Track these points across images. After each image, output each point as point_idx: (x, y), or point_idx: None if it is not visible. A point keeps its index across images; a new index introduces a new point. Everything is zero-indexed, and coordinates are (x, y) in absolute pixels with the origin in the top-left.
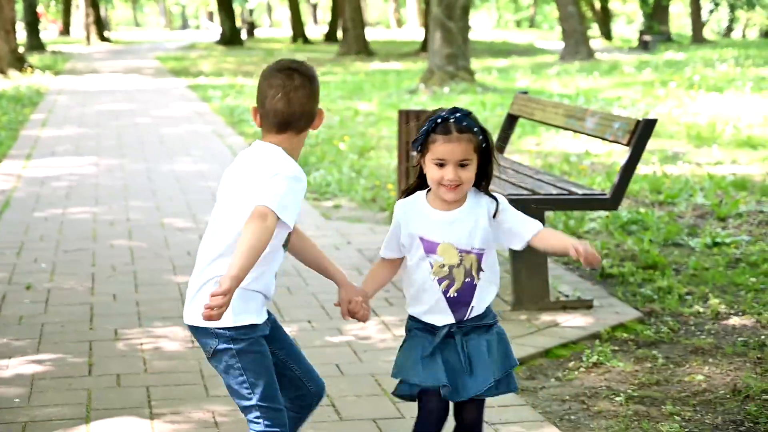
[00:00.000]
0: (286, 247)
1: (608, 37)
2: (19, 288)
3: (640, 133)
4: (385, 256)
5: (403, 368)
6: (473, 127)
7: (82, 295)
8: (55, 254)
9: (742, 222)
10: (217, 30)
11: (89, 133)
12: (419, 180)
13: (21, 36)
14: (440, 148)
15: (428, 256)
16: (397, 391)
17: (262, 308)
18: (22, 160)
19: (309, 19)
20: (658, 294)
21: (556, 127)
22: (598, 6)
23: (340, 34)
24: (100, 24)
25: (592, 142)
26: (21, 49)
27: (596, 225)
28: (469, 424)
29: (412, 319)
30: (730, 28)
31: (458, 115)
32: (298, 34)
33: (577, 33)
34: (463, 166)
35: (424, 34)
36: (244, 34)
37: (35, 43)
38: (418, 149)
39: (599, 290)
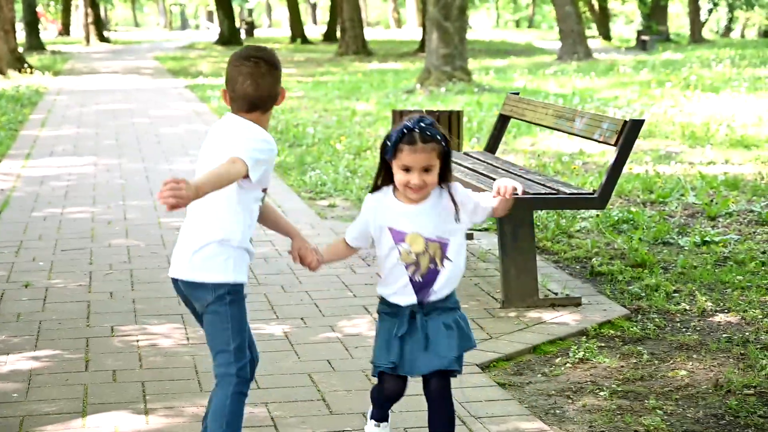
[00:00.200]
0: (263, 201)
1: (607, 37)
2: (18, 286)
3: (627, 133)
4: (350, 243)
5: (374, 353)
6: (437, 135)
7: (80, 293)
8: (53, 253)
9: (732, 221)
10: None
11: (88, 133)
12: (387, 177)
13: (20, 36)
14: (407, 157)
15: (397, 245)
16: (373, 373)
17: (247, 269)
18: (21, 160)
19: (308, 19)
20: (646, 292)
21: (546, 127)
22: (596, 6)
23: (338, 34)
24: (100, 24)
25: (587, 142)
26: (20, 49)
27: (587, 224)
28: (435, 395)
29: (381, 301)
30: (729, 28)
31: (422, 125)
32: (297, 34)
33: (575, 33)
34: (427, 171)
35: (422, 34)
36: (243, 34)
37: (35, 43)
38: (387, 155)
39: (588, 288)
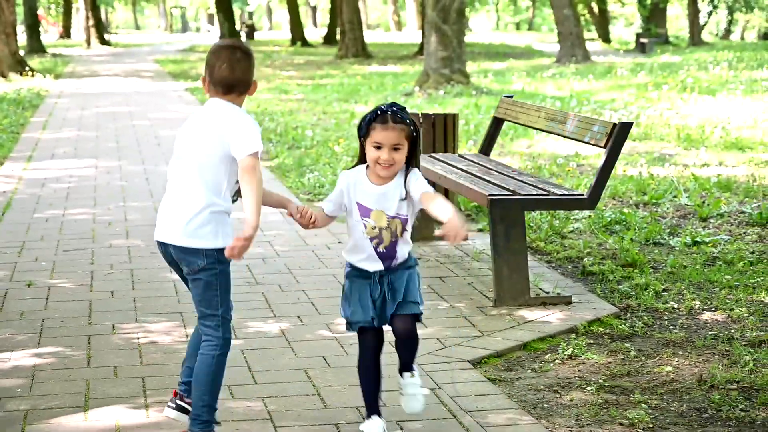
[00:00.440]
0: None
1: (606, 40)
2: (21, 285)
3: (617, 135)
4: (326, 211)
5: (346, 310)
6: (406, 119)
7: (81, 292)
8: (55, 253)
9: (723, 222)
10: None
11: (88, 136)
12: (361, 158)
13: (21, 39)
14: (378, 135)
15: (363, 219)
16: (348, 328)
17: (231, 230)
18: (23, 163)
19: (308, 22)
20: (636, 291)
21: (539, 130)
22: (596, 9)
23: (338, 37)
24: (101, 27)
25: (582, 145)
26: (21, 52)
27: (580, 225)
28: (402, 333)
29: (349, 265)
30: (728, 31)
31: (394, 109)
32: (298, 36)
33: (573, 36)
34: (396, 150)
35: (422, 37)
36: (243, 37)
37: (36, 46)
38: (362, 135)
39: (579, 287)
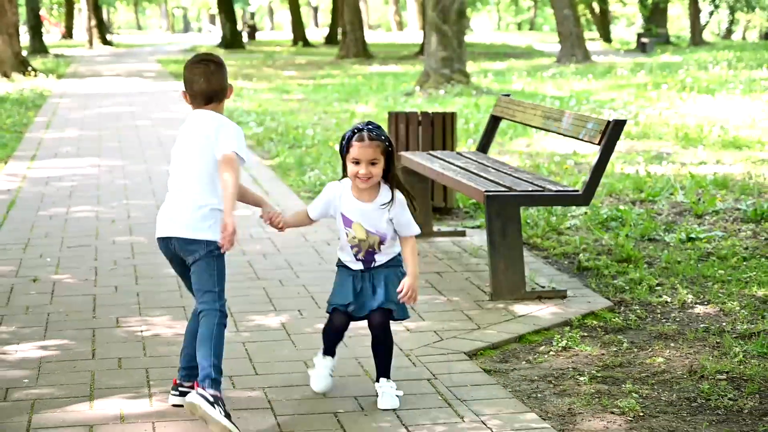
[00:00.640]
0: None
1: (607, 40)
2: (26, 281)
3: (611, 133)
4: (312, 218)
5: (331, 293)
6: (381, 136)
7: (86, 287)
8: (59, 250)
9: (718, 218)
10: (219, 33)
11: (91, 135)
12: (345, 172)
13: (24, 40)
14: (356, 151)
15: (345, 228)
16: (327, 310)
17: None
18: (27, 162)
19: (310, 22)
20: (630, 285)
21: (535, 127)
22: (597, 9)
23: (339, 37)
24: (103, 27)
25: (580, 144)
26: (24, 53)
27: (577, 222)
28: (376, 326)
29: (339, 259)
30: (730, 30)
31: (370, 127)
32: (299, 37)
33: (573, 36)
34: (373, 164)
35: (422, 37)
36: (245, 37)
37: (38, 47)
38: (343, 152)
39: (575, 282)
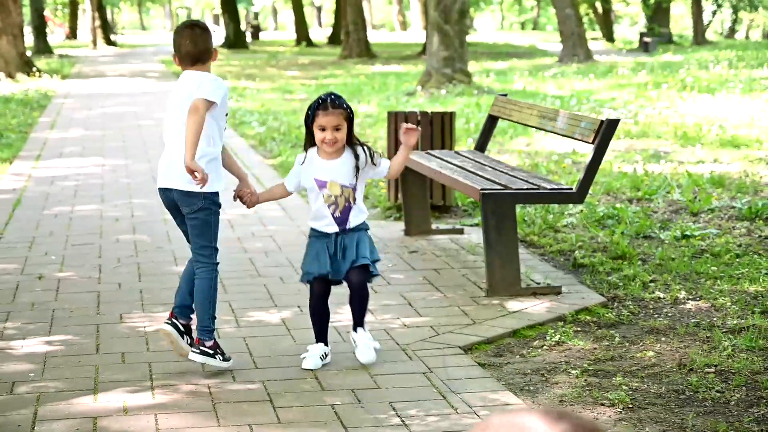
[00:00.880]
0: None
1: (610, 39)
2: (31, 278)
3: (604, 132)
4: (289, 189)
5: (305, 264)
6: (343, 105)
7: (90, 284)
8: (64, 248)
9: (714, 216)
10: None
11: (95, 135)
12: (307, 142)
13: (28, 40)
14: (321, 119)
15: (321, 190)
16: (302, 279)
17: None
18: (32, 161)
19: (313, 22)
20: (624, 281)
21: (531, 126)
22: (599, 8)
23: (342, 37)
24: (107, 28)
25: (579, 143)
26: (29, 53)
27: (573, 219)
28: (355, 283)
29: (312, 229)
30: (733, 30)
31: (332, 97)
32: (302, 37)
33: (575, 35)
34: (337, 130)
35: (425, 37)
36: (248, 37)
37: (42, 47)
38: (309, 122)
39: (569, 278)
